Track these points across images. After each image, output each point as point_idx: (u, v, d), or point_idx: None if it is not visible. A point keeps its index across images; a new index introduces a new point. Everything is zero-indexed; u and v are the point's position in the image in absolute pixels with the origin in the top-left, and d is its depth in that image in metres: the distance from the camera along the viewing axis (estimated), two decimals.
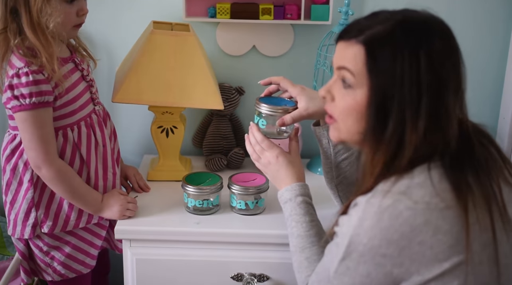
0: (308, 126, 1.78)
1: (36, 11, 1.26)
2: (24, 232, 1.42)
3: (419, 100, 0.97)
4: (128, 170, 1.61)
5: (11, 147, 1.39)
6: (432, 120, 0.98)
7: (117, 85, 1.55)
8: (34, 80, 1.28)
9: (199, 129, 1.83)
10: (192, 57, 1.52)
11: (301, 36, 1.76)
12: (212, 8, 1.69)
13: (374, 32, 1.00)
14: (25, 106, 1.29)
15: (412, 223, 0.94)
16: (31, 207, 1.39)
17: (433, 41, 0.98)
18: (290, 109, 1.33)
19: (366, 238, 0.96)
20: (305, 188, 1.30)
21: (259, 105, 1.33)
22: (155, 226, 1.42)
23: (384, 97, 0.99)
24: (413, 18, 1.01)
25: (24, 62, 1.29)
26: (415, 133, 0.98)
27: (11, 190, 1.41)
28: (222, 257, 1.43)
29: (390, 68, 0.98)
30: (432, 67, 0.97)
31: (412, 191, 0.96)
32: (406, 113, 0.98)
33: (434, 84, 0.97)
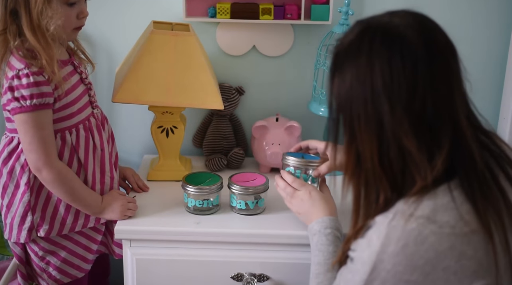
0: (308, 126, 1.79)
1: (37, 13, 1.26)
2: (20, 236, 1.40)
3: (362, 113, 0.95)
4: (126, 171, 1.60)
5: (8, 149, 1.38)
6: (378, 138, 0.95)
7: (117, 85, 1.55)
8: (35, 81, 1.27)
9: (199, 129, 1.83)
10: (192, 57, 1.52)
11: (301, 36, 1.76)
12: (212, 8, 1.69)
13: (343, 42, 1.00)
14: (26, 108, 1.28)
15: (437, 248, 0.91)
16: (27, 211, 1.38)
17: (380, 52, 0.94)
18: (317, 162, 1.41)
19: (390, 265, 0.93)
20: (335, 222, 1.30)
21: (288, 159, 1.43)
22: (155, 226, 1.42)
23: (339, 107, 1.00)
24: (374, 26, 0.98)
25: (24, 63, 1.28)
26: (366, 147, 0.96)
27: (7, 193, 1.40)
28: (222, 257, 1.43)
29: (342, 77, 0.98)
30: (373, 81, 0.94)
31: (436, 214, 0.92)
32: (354, 125, 0.96)
33: (374, 99, 0.94)
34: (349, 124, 0.98)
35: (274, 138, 1.68)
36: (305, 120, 1.78)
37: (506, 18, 1.72)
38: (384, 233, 0.94)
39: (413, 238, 0.92)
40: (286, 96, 1.82)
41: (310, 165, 1.42)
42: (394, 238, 0.93)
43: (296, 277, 1.43)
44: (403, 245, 0.92)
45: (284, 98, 1.82)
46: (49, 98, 1.30)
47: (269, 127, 1.68)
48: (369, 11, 1.71)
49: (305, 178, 1.43)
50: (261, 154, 1.68)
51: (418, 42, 0.94)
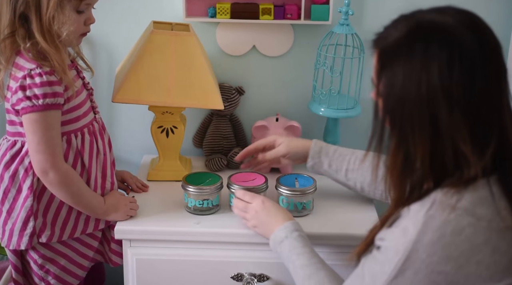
0: (308, 126, 1.79)
1: (48, 18, 1.26)
2: (21, 242, 1.38)
3: (417, 115, 0.94)
4: (124, 174, 1.61)
5: (11, 153, 1.37)
6: (432, 139, 0.95)
7: (117, 85, 1.55)
8: (48, 81, 1.28)
9: (199, 129, 1.83)
10: (192, 57, 1.52)
11: (301, 36, 1.76)
12: (212, 8, 1.69)
13: (388, 40, 0.98)
14: (38, 107, 1.28)
15: (473, 241, 0.92)
16: (30, 216, 1.37)
17: (435, 55, 0.93)
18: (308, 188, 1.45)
19: (425, 254, 0.93)
20: (297, 224, 1.30)
21: (281, 187, 1.45)
22: (155, 226, 1.42)
23: (385, 105, 0.98)
24: (424, 25, 0.96)
25: (35, 63, 1.28)
26: (419, 149, 0.95)
27: (8, 198, 1.38)
28: (222, 257, 1.43)
29: (392, 77, 0.96)
30: (432, 81, 0.92)
31: (475, 207, 0.93)
32: (407, 127, 0.95)
33: (431, 101, 0.93)
34: (400, 126, 0.97)
35: None
36: (305, 120, 1.78)
37: (506, 19, 1.72)
38: (422, 222, 0.93)
39: (451, 229, 0.92)
40: (286, 96, 1.82)
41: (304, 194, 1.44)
42: (432, 227, 0.92)
43: None
44: (440, 235, 0.92)
45: (284, 98, 1.82)
46: (60, 99, 1.30)
47: (269, 127, 1.68)
48: (369, 11, 1.71)
49: (298, 206, 1.45)
50: None
51: (474, 43, 0.93)
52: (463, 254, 0.92)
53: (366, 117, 1.76)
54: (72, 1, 1.29)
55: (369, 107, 1.75)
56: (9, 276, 1.56)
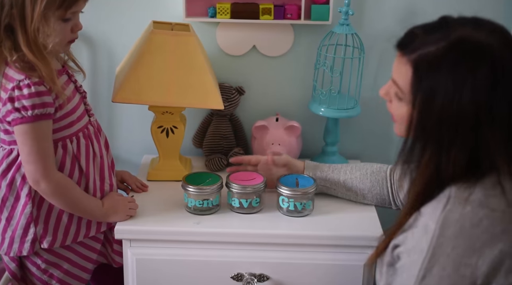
0: (308, 126, 1.79)
1: (33, 30, 1.25)
2: (22, 249, 1.38)
3: (456, 130, 0.96)
4: (123, 174, 1.61)
5: (7, 161, 1.36)
6: (471, 153, 0.97)
7: (117, 85, 1.55)
8: (36, 91, 1.27)
9: (199, 129, 1.83)
10: (192, 57, 1.52)
11: (301, 36, 1.75)
12: (212, 8, 1.69)
13: (425, 52, 0.98)
14: (27, 119, 1.27)
15: (492, 231, 0.93)
16: (30, 223, 1.37)
17: (483, 71, 0.95)
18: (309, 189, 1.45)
19: (449, 247, 0.94)
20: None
21: (281, 187, 1.45)
22: (155, 226, 1.42)
23: (422, 120, 0.99)
24: (469, 43, 0.97)
25: (24, 75, 1.28)
26: (450, 165, 0.97)
27: (7, 206, 1.38)
28: (222, 257, 1.43)
29: (432, 93, 0.97)
30: (475, 99, 0.95)
31: (488, 199, 0.95)
32: (443, 142, 0.97)
33: (472, 117, 0.95)
34: (437, 140, 0.98)
35: (274, 138, 1.68)
36: (305, 120, 1.78)
37: (506, 19, 1.71)
38: (442, 217, 0.95)
39: (469, 221, 0.94)
40: (286, 96, 1.82)
41: (304, 194, 1.44)
42: (452, 221, 0.94)
43: (296, 277, 1.43)
44: (461, 227, 0.94)
45: (284, 98, 1.82)
46: (50, 108, 1.30)
47: (269, 127, 1.68)
48: (369, 11, 1.71)
49: (298, 206, 1.45)
50: (261, 154, 1.68)
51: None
52: (485, 244, 0.93)
53: (366, 117, 1.77)
54: (56, 12, 1.27)
55: (369, 107, 1.77)
56: (9, 276, 1.56)
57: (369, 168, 1.48)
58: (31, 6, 1.24)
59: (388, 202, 1.46)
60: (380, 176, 1.46)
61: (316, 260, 1.42)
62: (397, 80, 1.05)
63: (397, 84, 1.05)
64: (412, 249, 0.99)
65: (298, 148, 1.72)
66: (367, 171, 1.47)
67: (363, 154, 1.85)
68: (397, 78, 1.05)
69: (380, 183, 1.45)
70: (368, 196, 1.48)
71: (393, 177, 1.44)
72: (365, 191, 1.48)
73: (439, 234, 0.95)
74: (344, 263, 1.41)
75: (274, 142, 1.67)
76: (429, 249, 0.95)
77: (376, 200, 1.48)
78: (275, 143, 1.67)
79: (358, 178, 1.47)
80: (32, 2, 1.24)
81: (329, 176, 1.50)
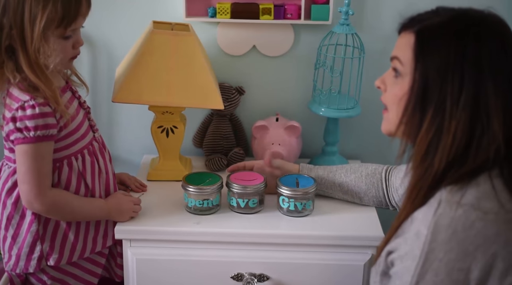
0: (308, 126, 1.79)
1: (34, 51, 1.24)
2: (28, 266, 1.38)
3: (460, 91, 0.96)
4: (122, 176, 1.61)
5: (12, 179, 1.36)
6: (471, 116, 0.96)
7: (117, 85, 1.55)
8: (40, 112, 1.26)
9: (199, 129, 1.83)
10: (192, 57, 1.52)
11: (301, 36, 1.76)
12: (212, 8, 1.69)
13: (429, 22, 1.01)
14: (29, 139, 1.27)
15: (485, 234, 0.92)
16: (36, 240, 1.36)
17: (485, 38, 0.97)
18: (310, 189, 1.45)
19: (442, 252, 0.93)
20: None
21: (282, 187, 1.46)
22: (155, 226, 1.42)
23: (426, 83, 0.99)
24: (471, 15, 1.01)
25: (29, 95, 1.27)
26: (454, 122, 0.96)
27: (12, 224, 1.38)
28: (222, 257, 1.43)
29: (435, 56, 0.98)
30: (478, 63, 0.96)
31: (480, 202, 0.94)
32: (447, 102, 0.97)
33: (477, 80, 0.96)
34: (439, 100, 0.98)
35: (274, 138, 1.68)
36: (305, 120, 1.78)
37: (506, 19, 1.71)
38: (433, 222, 0.94)
39: (462, 224, 0.92)
40: (286, 96, 1.82)
41: (305, 195, 1.44)
42: (443, 225, 0.93)
43: (296, 277, 1.43)
44: (453, 232, 0.92)
45: (284, 98, 1.82)
46: (52, 130, 1.29)
47: (269, 127, 1.68)
48: (369, 11, 1.71)
49: (298, 206, 1.45)
50: (261, 154, 1.68)
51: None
52: (478, 248, 0.92)
53: (366, 117, 1.77)
54: (56, 31, 1.27)
55: (369, 107, 1.76)
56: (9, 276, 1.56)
57: (363, 170, 1.48)
58: (30, 26, 1.23)
59: (384, 203, 1.46)
60: (375, 179, 1.45)
61: (316, 260, 1.42)
62: (397, 54, 1.05)
63: (397, 58, 1.05)
64: (405, 255, 0.98)
65: (298, 148, 1.72)
66: (361, 173, 1.47)
67: (363, 154, 1.85)
68: (398, 52, 1.05)
69: (375, 185, 1.45)
70: (364, 199, 1.48)
71: (388, 179, 1.44)
72: (361, 194, 1.48)
73: (431, 239, 0.94)
74: (344, 263, 1.41)
75: (274, 142, 1.67)
76: (422, 255, 0.94)
77: (373, 202, 1.48)
78: (275, 143, 1.67)
79: (353, 181, 1.47)
80: (31, 23, 1.23)
81: (324, 179, 1.50)
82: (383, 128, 1.12)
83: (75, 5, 1.28)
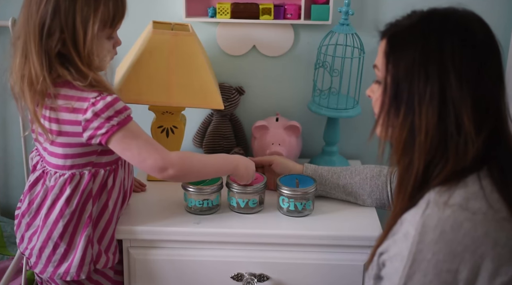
0: (308, 126, 1.79)
1: (88, 54, 1.25)
2: (80, 272, 1.34)
3: (425, 88, 0.98)
4: None
5: (71, 186, 1.32)
6: (439, 111, 0.97)
7: (117, 85, 1.54)
8: (112, 100, 1.26)
9: (199, 129, 1.83)
10: (192, 57, 1.52)
11: (301, 36, 1.76)
12: (212, 8, 1.69)
13: (399, 27, 1.04)
14: (118, 125, 1.26)
15: (473, 235, 0.92)
16: (88, 245, 1.34)
17: (447, 34, 0.98)
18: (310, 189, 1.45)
19: (430, 253, 0.93)
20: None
21: (282, 187, 1.45)
22: (155, 226, 1.42)
23: (396, 84, 1.01)
24: (436, 13, 1.02)
25: (95, 92, 1.26)
26: (423, 118, 0.98)
27: (68, 231, 1.34)
28: (222, 257, 1.43)
29: (403, 57, 1.00)
30: (440, 57, 0.97)
31: (468, 202, 0.94)
32: (415, 100, 0.98)
33: (440, 75, 0.97)
34: (408, 98, 1.00)
35: (274, 138, 1.68)
36: (305, 120, 1.78)
37: (506, 19, 1.72)
38: (421, 223, 0.94)
39: (450, 225, 0.92)
40: (286, 96, 1.82)
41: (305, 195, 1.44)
42: (431, 226, 0.93)
43: (296, 277, 1.43)
44: (440, 232, 0.92)
45: (284, 98, 1.82)
46: (128, 111, 1.29)
47: (269, 127, 1.68)
48: (369, 11, 1.71)
49: (298, 206, 1.45)
50: (261, 154, 1.68)
51: (483, 33, 1.01)
52: (467, 248, 0.92)
53: (366, 117, 1.77)
54: (106, 31, 1.27)
55: (369, 107, 1.76)
56: (10, 276, 1.56)
57: (369, 172, 1.48)
58: (83, 29, 1.23)
59: (388, 205, 1.46)
60: (380, 181, 1.45)
61: (316, 260, 1.42)
62: (376, 61, 1.09)
63: (376, 65, 1.08)
64: (394, 256, 0.99)
65: (298, 148, 1.72)
66: (366, 175, 1.47)
67: (363, 154, 1.85)
68: (377, 60, 1.09)
69: (380, 187, 1.45)
70: (367, 201, 1.48)
71: (393, 181, 1.44)
72: (365, 196, 1.48)
73: (418, 240, 0.94)
74: (344, 263, 1.41)
75: (274, 142, 1.67)
76: (409, 255, 0.94)
77: (376, 204, 1.48)
78: (275, 143, 1.67)
79: (358, 183, 1.47)
80: (83, 26, 1.23)
81: (328, 180, 1.50)
82: (378, 134, 1.13)
83: (122, 4, 1.29)
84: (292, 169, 1.53)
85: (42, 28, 1.23)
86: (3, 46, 1.79)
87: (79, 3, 1.23)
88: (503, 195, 0.96)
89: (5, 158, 1.94)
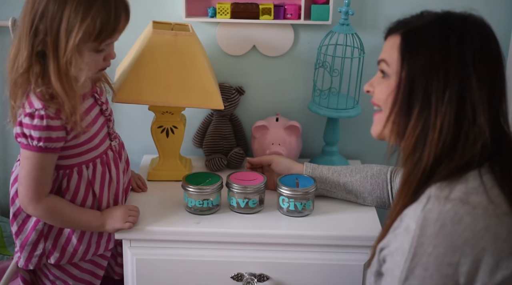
0: (308, 126, 1.79)
1: (66, 62, 1.23)
2: (29, 263, 1.39)
3: (445, 87, 0.99)
4: None
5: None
6: (457, 111, 0.98)
7: (117, 85, 1.55)
8: (47, 125, 1.25)
9: (199, 129, 1.83)
10: (192, 57, 1.52)
11: (301, 36, 1.76)
12: (212, 8, 1.69)
13: (414, 24, 1.05)
14: (31, 147, 1.27)
15: (473, 228, 0.93)
16: (40, 238, 1.38)
17: (468, 38, 1.00)
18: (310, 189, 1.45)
19: (431, 247, 0.94)
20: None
21: (282, 187, 1.45)
22: (155, 226, 1.42)
23: (412, 81, 1.01)
24: (453, 15, 1.04)
25: (42, 104, 1.25)
26: (440, 117, 0.98)
27: (17, 221, 1.39)
28: (222, 257, 1.43)
29: (420, 55, 1.01)
30: (462, 60, 0.99)
31: (469, 196, 0.95)
32: (432, 98, 0.99)
33: (461, 75, 0.99)
34: (424, 96, 1.00)
35: (274, 138, 1.68)
36: (305, 120, 1.78)
37: (506, 18, 1.72)
38: (422, 217, 0.95)
39: (450, 219, 0.93)
40: (286, 96, 1.82)
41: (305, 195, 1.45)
42: (432, 219, 0.94)
43: (296, 277, 1.43)
44: (441, 226, 0.93)
45: (284, 98, 1.82)
46: (56, 144, 1.28)
47: (269, 127, 1.68)
48: (369, 11, 1.71)
49: (298, 206, 1.45)
50: (261, 154, 1.68)
51: (494, 36, 1.05)
52: (467, 242, 0.93)
53: (366, 117, 1.77)
54: (90, 44, 1.25)
55: (369, 107, 1.76)
56: (9, 276, 1.56)
57: (369, 170, 1.48)
58: (66, 37, 1.22)
59: (388, 204, 1.47)
60: (381, 179, 1.45)
61: (316, 260, 1.42)
62: (384, 56, 1.09)
63: (384, 60, 1.09)
64: (395, 251, 0.99)
65: (298, 148, 1.72)
66: (367, 173, 1.47)
67: (363, 154, 1.85)
68: (384, 54, 1.09)
69: (380, 186, 1.45)
70: (368, 199, 1.48)
71: (393, 180, 1.44)
72: (365, 194, 1.48)
73: (419, 234, 0.95)
74: (344, 263, 1.41)
75: (274, 142, 1.67)
76: (410, 249, 0.95)
77: (376, 203, 1.48)
78: (275, 143, 1.67)
79: (358, 181, 1.47)
80: (67, 34, 1.21)
81: (328, 179, 1.50)
82: (372, 130, 1.15)
83: (114, 21, 1.26)
84: (292, 168, 1.53)
85: (31, 26, 1.23)
86: (3, 46, 1.79)
87: (67, 10, 1.21)
88: (504, 190, 0.97)
89: (5, 158, 1.94)
